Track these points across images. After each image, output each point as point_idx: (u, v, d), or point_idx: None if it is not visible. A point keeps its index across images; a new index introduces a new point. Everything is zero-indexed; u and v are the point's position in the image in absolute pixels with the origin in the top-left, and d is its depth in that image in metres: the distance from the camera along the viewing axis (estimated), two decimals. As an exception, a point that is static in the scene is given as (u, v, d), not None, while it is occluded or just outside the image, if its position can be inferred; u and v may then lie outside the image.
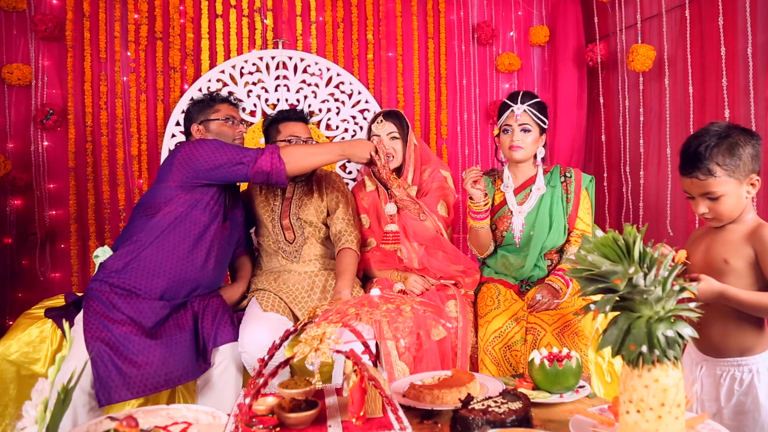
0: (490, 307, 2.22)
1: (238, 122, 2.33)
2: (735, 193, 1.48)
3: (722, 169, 1.46)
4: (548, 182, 2.39)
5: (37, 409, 0.97)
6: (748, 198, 1.51)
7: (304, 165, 2.14)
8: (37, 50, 3.00)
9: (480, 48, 3.62)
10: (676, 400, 1.00)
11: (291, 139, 2.38)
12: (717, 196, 1.48)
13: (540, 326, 2.12)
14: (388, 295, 1.34)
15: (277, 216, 2.40)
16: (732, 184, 1.47)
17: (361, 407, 1.16)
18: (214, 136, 2.26)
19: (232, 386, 2.03)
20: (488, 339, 2.10)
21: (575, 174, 2.40)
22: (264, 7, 3.26)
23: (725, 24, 2.56)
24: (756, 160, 1.48)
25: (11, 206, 3.00)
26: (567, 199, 2.37)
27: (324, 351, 1.15)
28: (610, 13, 3.30)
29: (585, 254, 1.03)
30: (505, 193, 2.41)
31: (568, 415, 1.35)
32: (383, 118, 2.44)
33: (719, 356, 1.54)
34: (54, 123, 2.99)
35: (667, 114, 2.93)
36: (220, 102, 2.33)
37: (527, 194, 2.39)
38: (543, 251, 2.35)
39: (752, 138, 1.49)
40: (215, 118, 2.29)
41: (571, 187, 2.38)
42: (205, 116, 2.29)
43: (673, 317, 1.00)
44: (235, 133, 2.30)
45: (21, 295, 3.00)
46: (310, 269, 2.37)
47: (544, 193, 2.36)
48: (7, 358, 2.07)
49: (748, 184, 1.49)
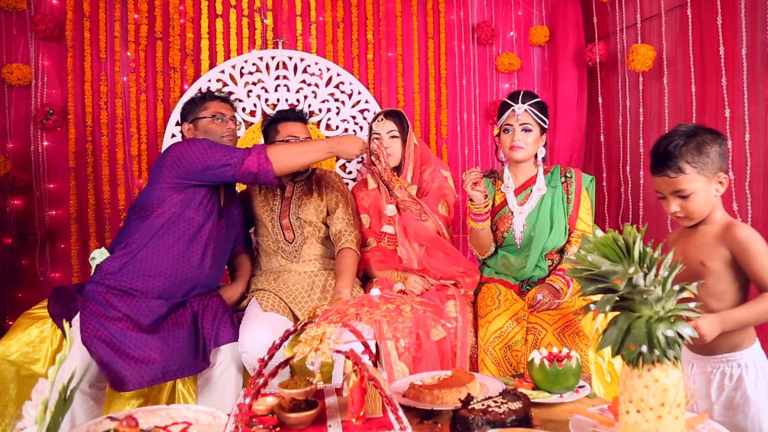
0: (490, 307, 2.21)
1: (227, 119, 2.29)
2: (704, 191, 1.52)
3: (691, 166, 1.51)
4: (549, 182, 2.37)
5: (38, 409, 0.97)
6: (717, 196, 1.55)
7: (292, 164, 2.12)
8: (37, 50, 3.00)
9: (480, 48, 3.62)
10: (676, 400, 1.00)
11: (289, 139, 2.37)
12: (687, 193, 1.52)
13: (541, 326, 2.12)
14: (388, 295, 1.35)
15: (277, 215, 2.40)
16: (701, 181, 1.52)
17: (361, 407, 1.16)
18: (203, 133, 2.24)
19: (233, 386, 2.04)
20: (489, 339, 2.10)
21: (576, 174, 2.39)
22: (264, 7, 3.26)
23: (725, 24, 2.56)
24: (723, 159, 1.53)
25: (11, 206, 3.00)
26: (568, 200, 2.36)
27: (324, 351, 1.15)
28: (610, 13, 3.30)
29: (585, 254, 1.03)
30: (506, 193, 2.40)
31: (568, 415, 1.35)
32: (384, 117, 2.46)
33: (709, 354, 1.56)
34: (54, 123, 2.98)
35: (666, 114, 2.93)
36: (210, 99, 2.30)
37: (528, 195, 2.37)
38: (544, 252, 2.34)
39: (718, 137, 1.55)
40: (203, 116, 2.26)
41: (571, 187, 2.37)
42: (195, 114, 2.28)
43: (673, 317, 1.00)
44: (223, 130, 2.26)
45: (21, 295, 3.00)
46: (310, 269, 2.37)
47: (544, 193, 2.35)
48: (7, 358, 2.07)
49: (716, 182, 1.53)
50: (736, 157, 2.55)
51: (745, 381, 1.52)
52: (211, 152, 2.06)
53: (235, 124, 2.32)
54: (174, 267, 2.04)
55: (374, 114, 2.52)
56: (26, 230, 3.00)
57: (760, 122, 2.46)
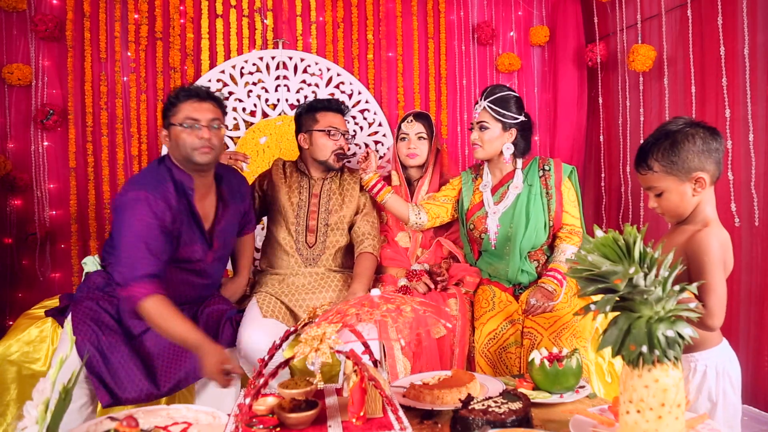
0: (485, 309, 2.19)
1: (202, 125, 1.89)
2: (676, 190, 1.50)
3: (660, 164, 1.50)
4: (525, 178, 2.31)
5: (39, 409, 0.97)
6: (697, 197, 1.51)
7: (152, 324, 1.81)
8: (37, 50, 3.00)
9: (480, 48, 3.62)
10: (676, 400, 1.00)
11: (330, 130, 2.31)
12: (658, 191, 1.53)
13: (537, 331, 2.10)
14: (388, 295, 1.35)
15: (304, 214, 2.32)
16: (671, 181, 1.50)
17: (361, 407, 1.16)
18: (173, 146, 1.92)
19: (230, 389, 2.02)
20: (483, 341, 2.09)
21: (554, 166, 2.31)
22: (264, 7, 3.26)
23: (725, 24, 2.56)
24: (702, 159, 1.47)
25: (11, 206, 3.00)
26: (548, 195, 2.28)
27: (324, 351, 1.15)
28: (610, 13, 3.30)
29: (585, 254, 1.03)
30: (483, 192, 2.36)
31: (568, 415, 1.35)
32: (413, 119, 2.53)
33: None
34: (54, 123, 2.98)
35: (666, 114, 2.93)
36: (183, 100, 1.91)
37: (504, 192, 2.32)
38: (523, 253, 2.27)
39: (701, 137, 1.48)
40: (174, 122, 1.91)
41: (550, 181, 2.29)
42: (168, 119, 1.94)
43: (673, 317, 1.00)
44: (194, 140, 1.88)
45: (21, 295, 3.00)
46: (321, 271, 2.33)
47: (520, 191, 2.29)
48: (7, 358, 2.07)
49: (691, 182, 1.49)
50: (736, 157, 2.55)
51: (711, 380, 1.51)
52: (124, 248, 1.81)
53: (215, 129, 1.92)
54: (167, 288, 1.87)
55: (404, 114, 2.59)
56: (26, 230, 2.99)
57: (761, 122, 2.46)
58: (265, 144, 3.17)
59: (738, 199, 2.53)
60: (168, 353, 1.89)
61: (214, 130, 1.91)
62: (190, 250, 1.95)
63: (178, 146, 1.90)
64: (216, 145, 1.92)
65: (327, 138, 2.35)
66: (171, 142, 1.93)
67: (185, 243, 1.93)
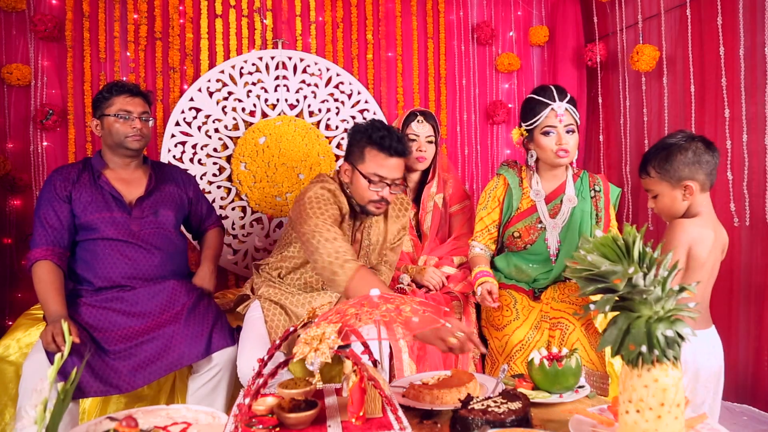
0: (508, 318, 2.09)
1: (134, 116, 2.12)
2: (669, 195, 1.76)
3: (655, 171, 1.77)
4: (579, 192, 2.20)
5: (37, 409, 0.97)
6: (687, 201, 1.74)
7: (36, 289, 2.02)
8: (37, 50, 3.00)
9: (480, 48, 3.62)
10: (675, 400, 1.00)
11: (119, 113, 2.12)
12: (654, 194, 1.80)
13: (567, 320, 2.00)
14: (388, 295, 1.35)
15: (350, 228, 2.11)
16: (664, 186, 1.76)
17: (361, 407, 1.16)
18: (107, 133, 2.13)
19: (224, 389, 2.02)
20: (510, 352, 2.00)
21: (604, 187, 2.23)
22: (263, 7, 3.26)
23: (725, 24, 2.56)
24: (693, 169, 1.71)
25: (11, 206, 2.99)
26: (598, 218, 2.20)
27: (323, 351, 1.15)
28: (610, 13, 3.30)
29: (585, 254, 1.03)
30: (536, 202, 2.20)
31: (568, 415, 1.35)
32: (424, 119, 2.42)
33: None
34: (54, 123, 2.98)
35: (666, 114, 2.93)
36: (117, 94, 2.12)
37: (557, 205, 2.20)
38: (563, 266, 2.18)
39: (693, 150, 1.71)
40: (108, 113, 2.11)
41: (600, 203, 2.20)
42: (101, 110, 2.14)
43: (672, 317, 1.00)
44: (127, 129, 2.11)
45: (21, 295, 3.00)
46: None
47: (575, 205, 2.18)
48: (7, 358, 2.07)
49: (681, 189, 1.74)
50: (735, 157, 2.55)
51: (696, 363, 1.69)
52: (37, 217, 2.08)
53: (146, 121, 2.16)
54: (103, 268, 2.07)
55: (409, 112, 2.44)
56: (26, 230, 2.99)
57: (760, 122, 2.46)
58: (264, 144, 3.17)
59: (738, 199, 2.53)
60: (154, 347, 1.99)
61: (143, 121, 2.15)
62: (102, 216, 2.08)
63: (111, 134, 2.12)
64: (146, 134, 2.17)
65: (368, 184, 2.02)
66: (104, 130, 2.15)
67: (88, 204, 2.09)
